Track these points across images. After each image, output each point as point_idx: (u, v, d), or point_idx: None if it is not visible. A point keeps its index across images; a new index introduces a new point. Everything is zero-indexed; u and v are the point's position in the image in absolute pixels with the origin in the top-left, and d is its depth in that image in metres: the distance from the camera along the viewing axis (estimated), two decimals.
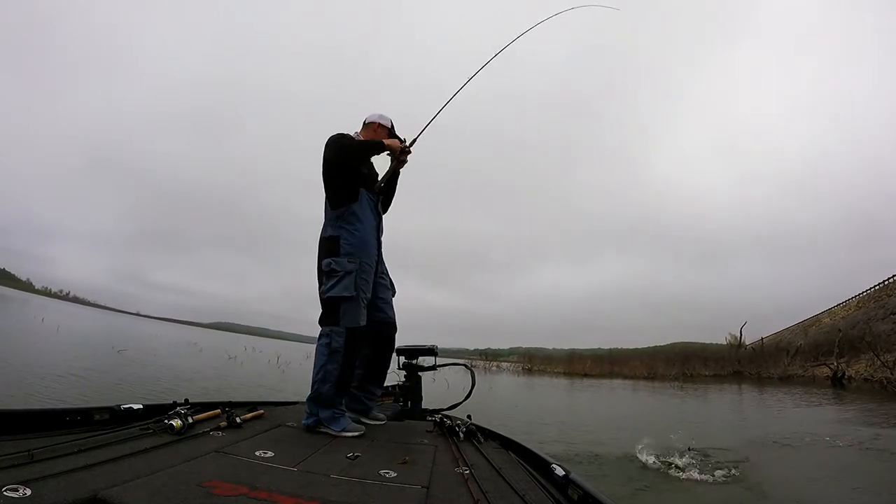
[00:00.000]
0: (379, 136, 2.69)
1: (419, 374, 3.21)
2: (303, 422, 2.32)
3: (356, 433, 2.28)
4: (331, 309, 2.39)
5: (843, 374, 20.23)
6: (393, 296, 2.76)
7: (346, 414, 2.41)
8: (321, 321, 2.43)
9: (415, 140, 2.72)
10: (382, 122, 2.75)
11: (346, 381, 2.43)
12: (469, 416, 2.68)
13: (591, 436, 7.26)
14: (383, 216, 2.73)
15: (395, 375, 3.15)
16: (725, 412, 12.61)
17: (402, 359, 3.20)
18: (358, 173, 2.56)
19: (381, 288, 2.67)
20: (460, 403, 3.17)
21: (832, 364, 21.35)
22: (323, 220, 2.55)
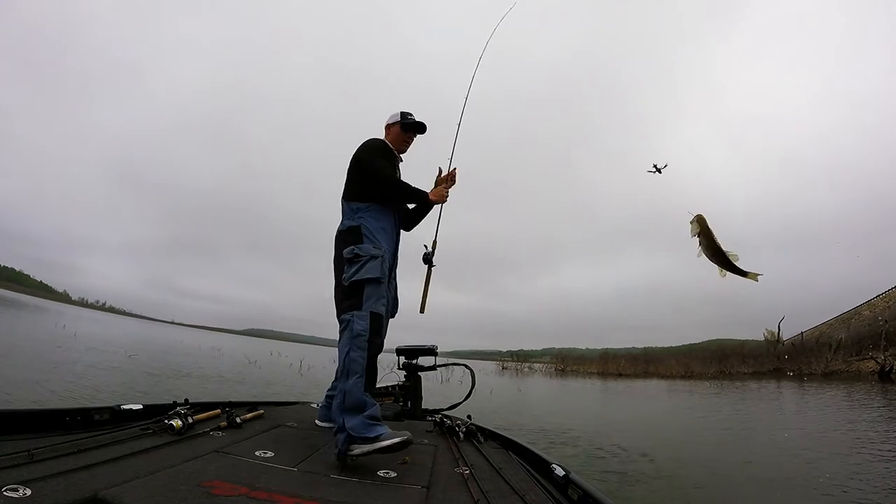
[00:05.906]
0: (393, 136, 2.54)
1: (419, 374, 3.18)
2: (337, 449, 1.85)
3: (399, 439, 1.85)
4: (354, 293, 2.09)
5: (891, 367, 19.04)
6: (392, 316, 2.46)
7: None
8: (342, 308, 2.12)
9: (452, 174, 2.54)
10: (391, 121, 2.55)
11: (373, 375, 2.07)
12: (469, 416, 2.67)
13: None
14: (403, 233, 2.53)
15: (395, 375, 3.15)
16: None
17: (402, 359, 3.19)
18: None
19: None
20: (460, 403, 3.16)
21: (878, 357, 20.11)
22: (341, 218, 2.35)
